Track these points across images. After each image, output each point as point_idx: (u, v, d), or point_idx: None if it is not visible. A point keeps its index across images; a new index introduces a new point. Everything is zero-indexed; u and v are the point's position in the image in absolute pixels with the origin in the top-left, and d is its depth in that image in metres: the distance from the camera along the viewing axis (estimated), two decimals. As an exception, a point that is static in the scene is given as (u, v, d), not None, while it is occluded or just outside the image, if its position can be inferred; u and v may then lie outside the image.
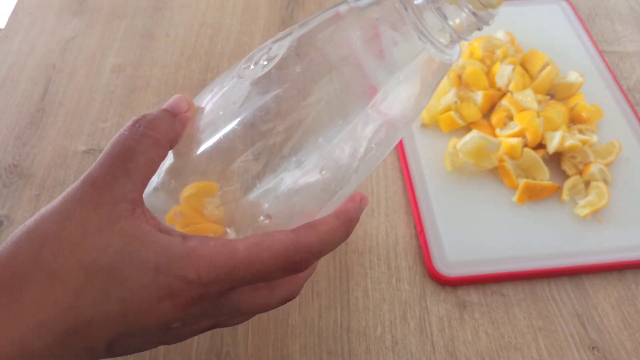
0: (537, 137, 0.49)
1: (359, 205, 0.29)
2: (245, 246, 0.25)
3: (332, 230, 0.27)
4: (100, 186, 0.25)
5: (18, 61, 0.60)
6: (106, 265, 0.24)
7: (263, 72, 0.28)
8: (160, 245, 0.25)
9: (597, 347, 0.41)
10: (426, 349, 0.40)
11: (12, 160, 0.52)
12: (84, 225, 0.24)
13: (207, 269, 0.25)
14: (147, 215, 0.26)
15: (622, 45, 0.62)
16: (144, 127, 0.27)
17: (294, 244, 0.26)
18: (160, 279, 0.24)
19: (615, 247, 0.45)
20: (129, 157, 0.26)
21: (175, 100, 0.29)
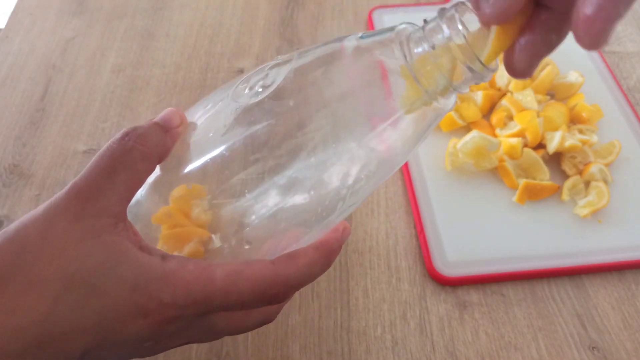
0: (537, 137, 0.49)
1: (340, 236, 0.29)
2: (224, 274, 0.25)
3: (312, 262, 0.27)
4: (84, 198, 0.25)
5: (18, 61, 0.60)
6: (84, 278, 0.24)
7: (257, 99, 0.27)
8: (140, 264, 0.25)
9: (597, 347, 0.41)
10: (426, 349, 0.40)
11: (12, 160, 0.52)
12: (65, 235, 0.24)
13: (184, 293, 0.25)
14: (130, 230, 0.26)
15: (622, 45, 0.62)
16: (133, 141, 0.27)
17: (272, 276, 0.26)
18: (136, 297, 0.24)
19: (615, 247, 0.45)
20: (116, 170, 0.26)
21: (168, 114, 0.29)
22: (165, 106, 0.55)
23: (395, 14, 0.64)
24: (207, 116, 0.29)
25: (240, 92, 0.29)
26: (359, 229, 0.46)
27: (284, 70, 0.28)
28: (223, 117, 0.28)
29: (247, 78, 0.29)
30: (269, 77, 0.28)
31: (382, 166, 0.28)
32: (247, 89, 0.28)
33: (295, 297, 0.42)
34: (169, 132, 0.29)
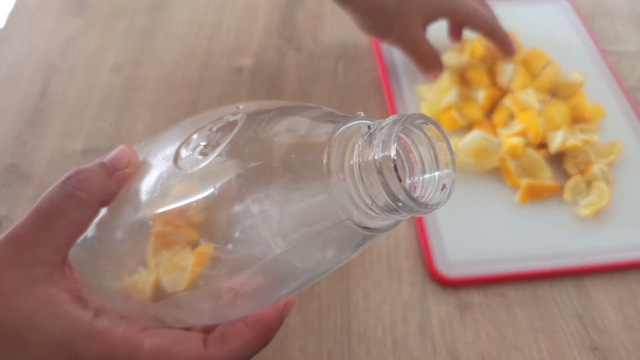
0: (538, 136, 0.49)
1: (281, 312, 0.29)
2: (152, 347, 0.25)
3: (246, 344, 0.27)
4: (20, 245, 0.25)
5: (18, 61, 0.60)
6: (13, 330, 0.24)
7: (192, 170, 0.26)
8: (69, 319, 0.24)
9: (598, 347, 0.40)
10: (427, 350, 0.40)
11: (11, 160, 0.51)
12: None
13: (108, 356, 0.25)
14: (68, 278, 0.26)
15: (623, 45, 0.62)
16: (73, 187, 0.26)
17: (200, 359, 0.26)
18: (61, 354, 0.24)
19: (616, 248, 0.45)
20: (54, 217, 0.26)
21: (117, 155, 0.28)
22: (164, 106, 0.55)
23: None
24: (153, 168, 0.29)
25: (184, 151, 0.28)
26: (359, 229, 0.46)
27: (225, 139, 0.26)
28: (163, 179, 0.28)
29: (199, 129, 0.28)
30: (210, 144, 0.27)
31: (314, 272, 0.26)
32: (190, 150, 0.28)
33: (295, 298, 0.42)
34: (114, 175, 0.28)
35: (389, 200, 0.21)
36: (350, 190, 0.22)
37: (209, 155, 0.26)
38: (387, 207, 0.22)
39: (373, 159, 0.21)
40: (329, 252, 0.25)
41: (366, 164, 0.22)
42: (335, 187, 0.23)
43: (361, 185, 0.22)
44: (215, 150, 0.26)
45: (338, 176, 0.23)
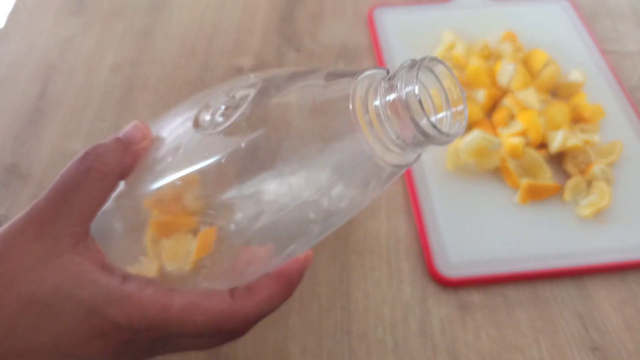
0: (538, 136, 0.49)
1: (302, 266, 0.29)
2: (181, 304, 0.25)
3: (271, 296, 0.28)
4: (43, 219, 0.25)
5: (17, 61, 0.60)
6: (42, 300, 0.24)
7: (214, 131, 0.27)
8: (97, 285, 0.25)
9: (598, 348, 0.40)
10: (427, 350, 0.40)
11: (10, 160, 0.51)
12: (25, 257, 0.25)
13: (139, 318, 0.25)
14: (91, 250, 0.26)
15: (624, 44, 0.62)
16: (92, 161, 0.27)
17: (229, 312, 0.26)
18: (92, 319, 0.25)
19: (617, 248, 0.45)
20: (74, 191, 0.26)
21: (131, 130, 0.29)
22: (164, 106, 0.55)
23: (396, 12, 0.63)
24: (171, 136, 0.29)
25: (202, 117, 0.28)
26: (359, 229, 0.46)
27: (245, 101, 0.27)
28: (184, 143, 0.28)
29: (214, 97, 0.29)
30: (230, 107, 0.28)
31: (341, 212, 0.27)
32: (209, 115, 0.28)
33: (295, 299, 0.42)
34: (130, 149, 0.28)
35: (415, 131, 0.23)
36: (377, 129, 0.24)
37: (231, 116, 0.27)
38: (414, 140, 0.24)
39: (399, 96, 0.23)
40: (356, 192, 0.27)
41: (391, 102, 0.24)
42: (362, 129, 0.25)
43: (387, 123, 0.24)
44: (238, 111, 0.27)
45: (364, 118, 0.25)
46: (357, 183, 0.27)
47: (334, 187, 0.26)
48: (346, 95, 0.25)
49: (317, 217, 0.27)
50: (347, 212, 0.28)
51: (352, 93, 0.25)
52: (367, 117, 0.25)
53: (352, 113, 0.25)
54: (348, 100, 0.25)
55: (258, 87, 0.28)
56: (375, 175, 0.26)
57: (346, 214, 0.28)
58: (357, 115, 0.25)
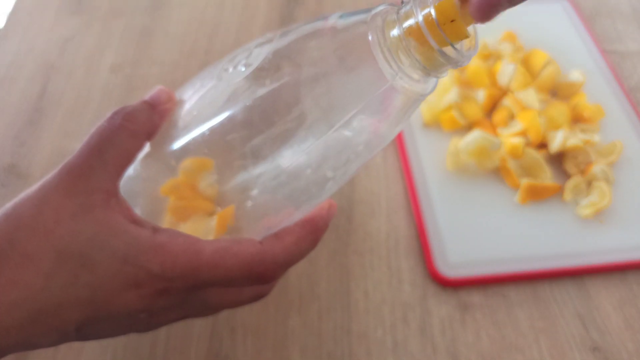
0: (538, 136, 0.49)
1: (326, 214, 0.30)
2: (212, 249, 0.26)
3: (299, 240, 0.28)
4: (76, 175, 0.26)
5: (16, 60, 0.60)
6: (77, 251, 0.25)
7: (239, 78, 0.28)
8: (130, 236, 0.25)
9: (598, 348, 0.40)
10: (427, 350, 0.40)
11: (10, 160, 0.51)
12: (58, 211, 0.25)
13: (172, 264, 0.25)
14: (122, 205, 0.26)
15: (624, 44, 0.62)
16: (122, 119, 0.28)
17: (259, 254, 0.27)
18: (126, 268, 0.25)
19: (617, 248, 0.45)
20: (106, 148, 0.27)
21: (156, 92, 0.30)
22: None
23: (396, 12, 0.63)
24: (195, 95, 0.30)
25: (225, 72, 0.29)
26: (359, 229, 0.46)
27: (265, 49, 0.28)
28: (210, 96, 0.29)
29: (232, 57, 0.30)
30: (252, 56, 0.28)
31: (368, 145, 0.28)
32: (231, 68, 0.29)
33: (295, 299, 0.42)
34: (157, 110, 0.29)
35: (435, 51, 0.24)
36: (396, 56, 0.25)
37: (253, 64, 0.28)
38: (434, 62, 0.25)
39: (416, 20, 0.24)
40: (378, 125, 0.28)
41: (409, 28, 0.25)
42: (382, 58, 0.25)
43: (406, 50, 0.25)
44: (259, 57, 0.28)
45: (384, 47, 0.25)
46: (380, 113, 0.27)
47: (358, 120, 0.27)
48: (364, 27, 0.26)
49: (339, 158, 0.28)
50: (367, 151, 0.28)
51: (370, 24, 0.26)
52: (386, 46, 0.25)
53: (371, 43, 0.25)
54: (366, 31, 0.26)
55: (276, 37, 0.28)
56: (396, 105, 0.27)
57: (366, 153, 0.28)
58: (376, 44, 0.25)
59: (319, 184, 0.28)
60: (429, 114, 0.52)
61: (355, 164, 0.29)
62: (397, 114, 0.28)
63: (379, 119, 0.28)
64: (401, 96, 0.27)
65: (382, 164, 0.51)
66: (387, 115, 0.27)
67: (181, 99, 0.31)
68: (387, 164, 0.51)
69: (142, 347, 0.39)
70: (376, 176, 0.50)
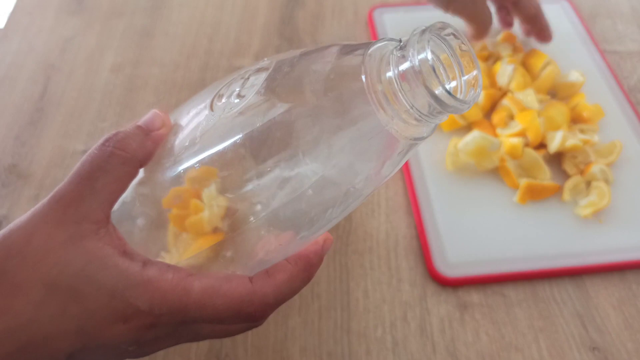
0: (538, 136, 0.49)
1: (321, 249, 0.29)
2: (201, 288, 0.25)
3: (290, 278, 0.28)
4: (66, 204, 0.26)
5: (17, 61, 0.60)
6: (65, 284, 0.24)
7: (230, 112, 0.27)
8: (119, 270, 0.25)
9: (598, 347, 0.40)
10: (427, 349, 0.40)
11: (11, 160, 0.51)
12: (47, 241, 0.25)
13: (160, 302, 0.25)
14: (112, 235, 0.26)
15: (623, 44, 0.62)
16: (113, 147, 0.27)
17: (249, 294, 0.26)
18: (114, 303, 0.25)
19: (616, 248, 0.45)
20: (97, 176, 0.26)
21: (150, 117, 0.29)
22: (165, 106, 0.55)
23: (396, 13, 0.63)
24: (190, 123, 0.29)
25: (218, 99, 0.28)
26: (359, 229, 0.46)
27: (260, 80, 0.27)
28: (202, 128, 0.28)
29: (228, 83, 0.29)
30: (246, 85, 0.28)
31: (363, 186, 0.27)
32: (224, 98, 0.28)
33: (295, 299, 0.42)
34: (150, 136, 0.29)
35: (431, 100, 0.23)
36: (391, 100, 0.24)
37: (246, 97, 0.27)
38: (429, 109, 0.24)
39: (412, 65, 0.23)
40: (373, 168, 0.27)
41: (404, 72, 0.23)
42: (376, 101, 0.24)
43: (401, 94, 0.24)
44: (252, 90, 0.27)
45: (378, 90, 0.24)
46: (373, 158, 0.27)
47: (351, 163, 0.26)
48: (359, 68, 0.25)
49: (333, 197, 0.27)
50: (363, 191, 0.28)
51: (365, 65, 0.25)
52: (380, 89, 0.24)
53: (365, 85, 0.24)
54: (360, 72, 0.25)
55: (271, 67, 0.28)
56: (391, 149, 0.26)
57: (362, 193, 0.28)
58: (370, 87, 0.24)
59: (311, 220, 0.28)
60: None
61: (352, 203, 0.28)
62: (393, 157, 0.27)
63: (374, 161, 0.27)
64: (395, 141, 0.26)
65: (382, 164, 0.51)
66: (383, 158, 0.27)
67: (176, 123, 0.30)
68: (386, 164, 0.51)
69: (143, 347, 0.40)
70: (376, 176, 0.50)
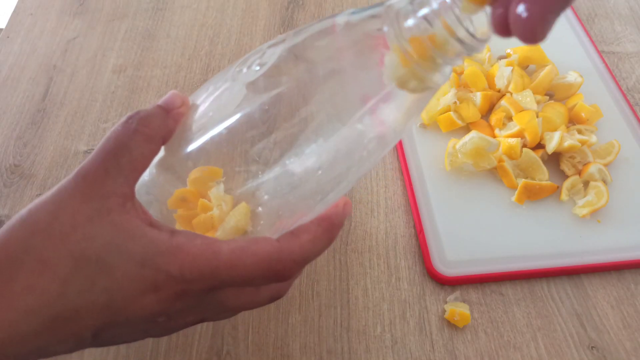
0: (536, 137, 0.49)
1: (342, 211, 0.30)
2: (230, 249, 0.26)
3: (315, 238, 0.28)
4: (92, 179, 0.26)
5: (19, 61, 0.60)
6: (94, 256, 0.24)
7: (255, 77, 0.28)
8: (148, 239, 0.25)
9: (596, 346, 0.41)
10: (425, 348, 0.40)
11: (13, 160, 0.52)
12: (74, 216, 0.25)
13: (190, 266, 0.25)
14: (138, 209, 0.26)
15: (622, 45, 0.62)
16: (137, 124, 0.28)
17: (277, 252, 0.26)
18: (145, 272, 0.25)
19: (614, 247, 0.45)
20: (121, 152, 0.27)
21: (170, 97, 0.30)
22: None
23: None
24: (209, 98, 0.30)
25: (239, 72, 0.29)
26: (358, 228, 0.47)
27: (279, 49, 0.28)
28: (225, 97, 0.29)
29: (245, 59, 0.30)
30: (265, 56, 0.28)
31: (380, 142, 0.28)
32: (245, 68, 0.29)
33: (295, 296, 0.42)
34: (171, 114, 0.29)
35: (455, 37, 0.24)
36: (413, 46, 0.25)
37: (267, 63, 0.28)
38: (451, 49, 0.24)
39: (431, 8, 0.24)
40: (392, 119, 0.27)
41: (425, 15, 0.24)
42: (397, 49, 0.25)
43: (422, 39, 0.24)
44: (273, 56, 0.28)
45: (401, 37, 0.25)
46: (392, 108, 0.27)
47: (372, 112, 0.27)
48: (379, 20, 0.26)
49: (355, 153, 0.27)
50: (382, 145, 0.28)
51: (385, 17, 0.25)
52: (402, 36, 0.25)
53: (387, 35, 0.25)
54: (381, 24, 0.25)
55: (290, 36, 0.28)
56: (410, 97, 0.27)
57: (381, 146, 0.28)
58: (393, 36, 0.25)
59: (332, 183, 0.28)
60: (427, 115, 0.52)
61: (369, 161, 0.29)
62: (410, 106, 0.27)
63: (392, 112, 0.27)
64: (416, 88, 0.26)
65: (381, 164, 0.51)
66: (402, 106, 0.27)
67: (194, 103, 0.31)
68: (385, 164, 0.51)
69: (145, 345, 0.40)
70: (375, 176, 0.50)
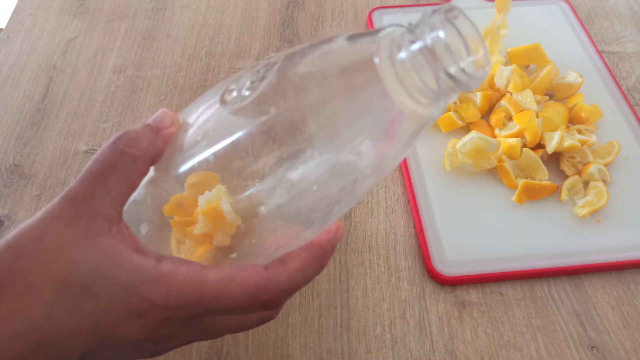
0: (536, 137, 0.49)
1: (333, 237, 0.29)
2: (216, 279, 0.25)
3: (304, 266, 0.27)
4: (78, 202, 0.25)
5: (19, 61, 0.60)
6: (79, 281, 0.24)
7: (242, 104, 0.27)
8: (133, 266, 0.25)
9: (596, 346, 0.41)
10: (425, 348, 0.40)
11: (13, 160, 0.52)
12: (60, 239, 0.25)
13: (175, 295, 0.25)
14: (125, 233, 0.26)
15: (622, 45, 0.62)
16: (124, 145, 0.27)
17: (264, 281, 0.26)
18: (129, 299, 0.25)
19: (614, 247, 0.45)
20: (108, 174, 0.26)
21: (159, 115, 0.30)
22: (167, 107, 0.56)
23: (395, 14, 0.64)
24: (200, 119, 0.29)
25: (228, 95, 0.29)
26: (358, 228, 0.47)
27: (271, 73, 0.27)
28: (213, 121, 0.28)
29: (237, 78, 0.29)
30: (255, 81, 0.28)
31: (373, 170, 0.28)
32: (235, 92, 0.28)
33: (296, 296, 0.42)
34: (160, 134, 0.29)
35: (444, 75, 0.23)
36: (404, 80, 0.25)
37: (258, 88, 0.27)
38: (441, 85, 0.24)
39: (424, 44, 0.23)
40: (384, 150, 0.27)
41: (417, 51, 0.24)
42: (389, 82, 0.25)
43: (414, 73, 0.24)
44: (264, 82, 0.27)
45: (391, 70, 0.25)
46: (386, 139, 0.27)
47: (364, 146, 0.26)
48: (371, 51, 0.25)
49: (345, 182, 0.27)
50: (375, 175, 0.28)
51: (377, 48, 0.25)
52: (393, 70, 0.25)
53: (378, 67, 0.25)
54: (373, 55, 0.25)
55: (281, 59, 0.28)
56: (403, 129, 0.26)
57: (373, 177, 0.28)
58: (383, 69, 0.25)
59: (325, 208, 0.28)
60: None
61: (363, 187, 0.28)
62: (404, 138, 0.27)
63: (386, 143, 0.27)
64: (409, 120, 0.26)
65: (382, 164, 0.51)
66: (395, 139, 0.27)
67: (185, 121, 0.30)
68: (386, 164, 0.51)
69: (144, 345, 0.40)
70: (375, 176, 0.50)
